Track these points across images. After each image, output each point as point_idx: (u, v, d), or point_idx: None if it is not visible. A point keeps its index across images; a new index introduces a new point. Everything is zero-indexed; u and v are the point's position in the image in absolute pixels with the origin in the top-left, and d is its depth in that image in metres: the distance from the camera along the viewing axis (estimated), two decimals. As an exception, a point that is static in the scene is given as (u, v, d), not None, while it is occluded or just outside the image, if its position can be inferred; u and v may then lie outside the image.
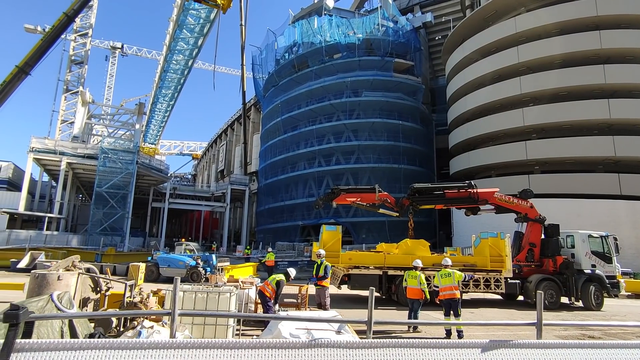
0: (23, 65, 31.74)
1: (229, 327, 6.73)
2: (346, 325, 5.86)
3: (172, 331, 2.96)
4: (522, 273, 13.29)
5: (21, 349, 1.82)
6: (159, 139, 72.40)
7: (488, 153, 31.10)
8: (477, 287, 12.18)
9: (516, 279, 12.76)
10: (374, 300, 3.45)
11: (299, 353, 2.22)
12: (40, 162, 31.71)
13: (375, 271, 12.37)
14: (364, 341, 2.36)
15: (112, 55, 58.95)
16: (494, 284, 12.22)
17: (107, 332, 6.27)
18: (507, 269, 12.37)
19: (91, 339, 1.92)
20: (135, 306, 7.24)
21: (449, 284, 8.23)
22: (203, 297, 6.85)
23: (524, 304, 13.19)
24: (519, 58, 29.20)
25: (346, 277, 12.30)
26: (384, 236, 29.77)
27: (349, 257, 12.76)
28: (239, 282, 9.10)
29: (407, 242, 13.32)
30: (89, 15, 41.40)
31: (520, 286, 12.76)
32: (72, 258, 7.83)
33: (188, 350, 2.05)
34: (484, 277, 12.25)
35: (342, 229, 13.67)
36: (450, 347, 2.45)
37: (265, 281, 8.16)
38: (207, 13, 36.06)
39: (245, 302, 8.47)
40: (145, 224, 44.72)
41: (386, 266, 12.38)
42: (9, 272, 17.40)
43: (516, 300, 13.96)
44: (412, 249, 12.98)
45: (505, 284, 12.29)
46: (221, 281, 8.90)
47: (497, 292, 12.39)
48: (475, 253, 13.60)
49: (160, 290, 8.44)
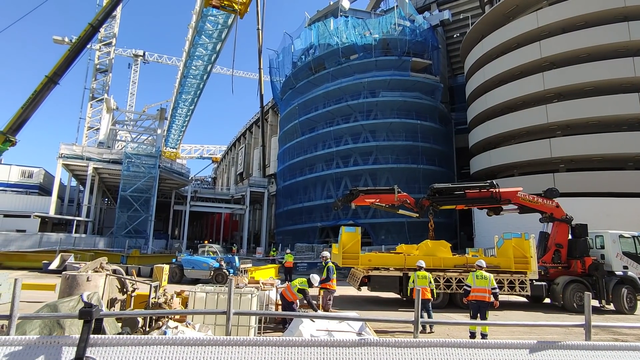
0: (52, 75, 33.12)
1: (250, 327, 6.82)
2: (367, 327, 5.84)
3: (227, 329, 3.21)
4: (548, 275, 12.89)
5: (94, 343, 1.99)
6: (179, 143, 74.01)
7: (510, 151, 30.33)
8: (501, 289, 11.86)
9: (542, 280, 12.39)
10: (419, 301, 3.55)
11: (350, 352, 2.25)
12: (69, 167, 33.00)
13: (396, 273, 12.26)
14: (413, 340, 2.37)
15: (134, 63, 60.73)
16: (518, 286, 11.90)
17: (134, 332, 6.46)
18: (532, 271, 12.03)
19: (160, 336, 2.07)
20: (160, 307, 7.44)
21: (483, 286, 8.02)
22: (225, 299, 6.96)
23: (551, 306, 12.77)
24: (542, 53, 28.36)
25: (366, 279, 12.24)
26: (403, 237, 29.44)
27: (368, 258, 12.71)
28: (259, 284, 9.20)
29: (428, 243, 13.15)
30: (112, 25, 42.85)
31: (547, 288, 12.38)
32: (100, 260, 8.12)
33: (271, 347, 2.19)
34: (508, 279, 11.95)
35: (361, 230, 13.62)
36: (498, 347, 2.44)
37: (287, 285, 8.20)
38: (224, 19, 36.69)
39: (266, 303, 8.56)
40: (168, 226, 45.80)
41: (406, 268, 12.25)
42: (42, 273, 18.19)
43: (542, 303, 13.54)
44: (433, 250, 12.81)
45: (530, 286, 11.95)
46: (242, 283, 9.02)
47: (522, 294, 12.06)
48: (499, 254, 13.29)
49: (184, 291, 8.64)
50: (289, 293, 7.80)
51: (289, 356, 2.19)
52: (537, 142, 28.35)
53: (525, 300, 13.83)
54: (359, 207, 20.98)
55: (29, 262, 21.33)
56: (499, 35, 31.58)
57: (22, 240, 25.36)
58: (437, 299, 11.98)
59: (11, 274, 12.91)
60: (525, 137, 29.92)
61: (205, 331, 6.05)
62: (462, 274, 12.01)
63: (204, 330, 6.04)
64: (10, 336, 2.23)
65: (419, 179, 33.19)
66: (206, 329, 6.09)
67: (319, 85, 39.61)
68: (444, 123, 39.10)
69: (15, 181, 33.43)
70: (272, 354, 2.18)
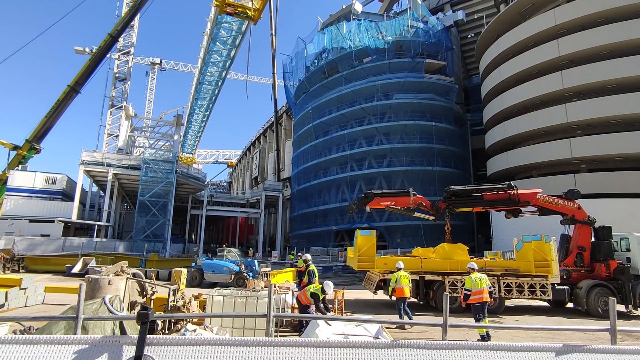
0: (74, 84, 34.32)
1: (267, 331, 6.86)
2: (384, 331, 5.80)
3: (267, 331, 3.56)
4: (570, 279, 12.52)
5: (150, 343, 2.14)
6: (196, 149, 75.26)
7: (528, 152, 29.68)
8: (521, 293, 11.61)
9: (564, 284, 12.05)
10: (447, 304, 3.62)
11: (381, 353, 2.29)
12: (90, 173, 33.94)
13: (412, 276, 12.13)
14: (443, 342, 2.39)
15: (151, 71, 62.21)
16: (539, 290, 11.60)
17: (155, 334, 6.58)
18: (553, 274, 11.71)
19: (211, 336, 2.23)
20: (178, 310, 7.56)
21: (483, 287, 8.13)
22: (242, 302, 7.04)
23: (574, 311, 12.40)
24: (560, 51, 27.72)
25: (382, 283, 12.15)
26: (419, 240, 29.12)
27: (384, 262, 12.61)
28: (275, 287, 9.25)
29: (445, 246, 12.97)
30: (130, 35, 44.06)
31: (569, 292, 12.03)
32: (121, 263, 8.32)
33: (313, 348, 2.30)
34: (528, 283, 11.67)
35: (376, 234, 13.54)
36: (524, 350, 2.42)
37: (303, 289, 8.22)
38: (238, 25, 37.28)
39: (283, 307, 8.60)
40: (185, 230, 46.51)
41: (423, 271, 12.12)
42: (65, 277, 18.75)
43: (565, 307, 13.15)
44: (449, 253, 12.62)
45: (552, 290, 11.64)
46: (259, 286, 9.10)
47: (544, 298, 11.75)
48: (518, 257, 12.99)
49: (201, 295, 8.77)
50: (304, 297, 7.83)
51: (330, 356, 2.26)
52: (556, 142, 27.67)
53: (546, 304, 13.46)
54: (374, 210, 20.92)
55: (52, 266, 22.02)
56: (515, 34, 31.04)
57: (47, 245, 26.18)
58: (454, 304, 11.81)
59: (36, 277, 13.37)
60: (544, 137, 29.24)
61: (223, 334, 6.12)
62: (481, 277, 11.78)
63: (221, 333, 6.12)
64: (77, 336, 2.46)
65: (435, 181, 32.83)
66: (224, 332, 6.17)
67: (332, 89, 39.72)
68: (459, 124, 38.62)
69: (39, 187, 34.55)
70: (313, 355, 2.25)
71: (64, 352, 2.05)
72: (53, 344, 2.07)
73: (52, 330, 4.67)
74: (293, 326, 8.47)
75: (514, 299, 12.01)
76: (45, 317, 4.42)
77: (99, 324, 4.79)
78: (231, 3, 30.02)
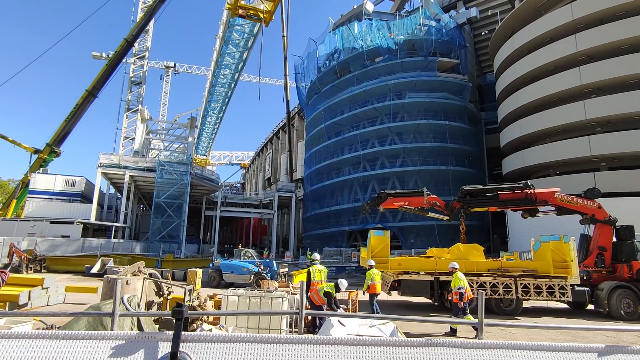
0: (92, 89, 35.27)
1: (281, 331, 6.90)
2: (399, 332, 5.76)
3: (300, 328, 3.71)
4: (591, 280, 12.20)
5: (185, 339, 2.17)
6: (209, 150, 76.18)
7: (545, 151, 29.04)
8: (539, 295, 11.36)
9: (584, 286, 11.74)
10: (483, 302, 3.57)
11: (417, 352, 2.28)
12: (107, 176, 34.73)
13: (427, 277, 12.01)
14: (478, 342, 2.36)
15: (165, 74, 63.25)
16: (558, 292, 11.33)
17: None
18: (573, 275, 11.42)
19: (244, 334, 2.29)
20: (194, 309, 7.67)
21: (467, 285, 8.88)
22: (257, 302, 7.09)
23: (595, 313, 12.06)
24: (578, 47, 27.05)
25: (396, 283, 12.06)
26: (433, 241, 28.81)
27: (398, 262, 12.52)
28: (290, 288, 9.29)
29: (460, 247, 12.80)
30: (145, 39, 44.88)
31: (590, 294, 11.71)
32: (138, 264, 8.48)
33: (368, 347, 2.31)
34: (547, 284, 11.41)
35: (389, 234, 13.46)
36: (564, 350, 2.35)
37: (315, 289, 8.22)
38: (250, 27, 37.63)
39: (297, 307, 8.61)
40: (199, 231, 47.10)
41: (438, 272, 11.98)
42: (84, 277, 19.21)
43: (585, 309, 12.81)
44: (465, 254, 12.45)
45: (571, 291, 11.35)
46: (273, 286, 9.14)
47: (563, 300, 11.47)
48: (536, 258, 12.72)
49: (216, 295, 8.87)
50: (317, 297, 7.82)
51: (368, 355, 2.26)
52: (575, 140, 27.00)
53: (565, 306, 13.14)
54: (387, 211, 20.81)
55: (72, 266, 22.60)
56: (531, 30, 30.43)
57: (67, 246, 26.88)
58: (472, 304, 11.63)
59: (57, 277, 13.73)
60: (561, 135, 28.57)
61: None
62: (497, 278, 11.59)
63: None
64: (114, 331, 2.53)
65: (449, 181, 32.44)
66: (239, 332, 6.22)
67: (344, 89, 39.66)
68: (473, 123, 38.07)
69: (59, 190, 35.48)
70: (350, 352, 2.28)
71: (101, 347, 2.11)
72: (90, 339, 2.14)
73: (74, 328, 4.80)
74: (307, 326, 8.48)
75: (531, 300, 11.75)
76: (83, 313, 4.64)
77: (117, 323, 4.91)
78: (243, 5, 30.28)
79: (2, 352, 2.06)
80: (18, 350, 2.07)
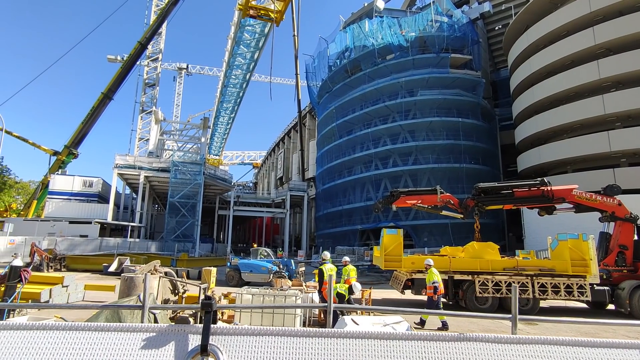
0: (107, 91, 35.98)
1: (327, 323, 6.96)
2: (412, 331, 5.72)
3: (328, 322, 3.96)
4: (611, 279, 11.87)
5: (214, 332, 2.22)
6: (222, 150, 76.90)
7: (562, 147, 28.39)
8: (557, 294, 11.12)
9: (604, 285, 11.44)
10: (516, 297, 3.50)
11: (449, 346, 2.26)
12: (123, 176, 35.41)
13: (441, 275, 11.88)
14: (513, 337, 2.32)
15: (178, 76, 64.06)
16: (577, 291, 11.07)
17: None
18: (592, 274, 11.13)
19: (275, 327, 2.34)
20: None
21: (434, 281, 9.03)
22: (270, 300, 7.14)
23: (616, 313, 11.74)
24: (596, 39, 26.35)
25: (409, 282, 11.98)
26: (447, 239, 28.49)
27: (411, 261, 12.42)
28: (303, 286, 9.32)
29: (474, 245, 12.62)
30: (158, 42, 45.58)
31: (610, 294, 11.41)
32: (154, 263, 8.64)
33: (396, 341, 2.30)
34: (565, 283, 11.16)
35: (402, 233, 13.35)
36: (605, 346, 2.27)
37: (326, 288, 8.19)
38: (261, 27, 37.83)
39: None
40: (213, 230, 47.66)
41: (452, 270, 11.85)
42: (102, 275, 19.65)
43: (605, 309, 12.49)
44: (479, 252, 12.27)
45: (591, 291, 11.08)
46: (286, 285, 9.19)
47: (581, 299, 11.20)
48: (553, 256, 12.45)
49: (230, 293, 8.96)
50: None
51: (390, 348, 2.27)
52: (593, 136, 26.33)
53: (585, 306, 12.83)
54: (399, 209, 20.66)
55: (91, 265, 23.11)
56: (547, 24, 29.77)
57: (85, 245, 27.51)
58: (486, 304, 11.48)
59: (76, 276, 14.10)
60: (578, 130, 27.90)
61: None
62: (513, 277, 11.40)
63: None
64: (145, 324, 2.63)
65: (462, 178, 32.04)
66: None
67: (355, 88, 39.52)
68: (487, 120, 37.47)
69: (77, 190, 36.33)
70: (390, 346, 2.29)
71: (133, 339, 2.17)
72: (122, 332, 2.20)
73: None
74: (320, 325, 8.50)
75: (549, 299, 11.51)
76: (115, 305, 4.89)
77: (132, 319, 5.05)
78: (254, 6, 30.47)
79: (40, 343, 2.14)
80: (54, 341, 2.15)
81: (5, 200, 44.38)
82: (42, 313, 8.56)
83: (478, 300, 11.46)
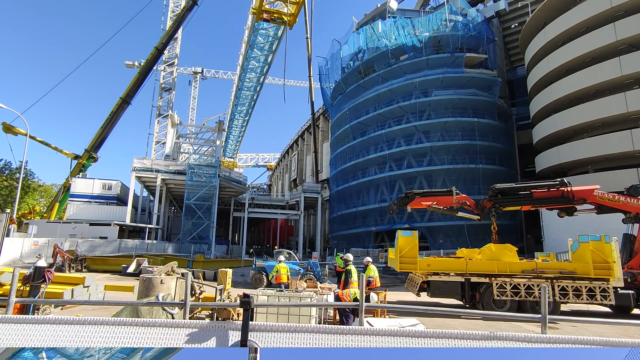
0: (125, 96, 36.89)
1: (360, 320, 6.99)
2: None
3: (360, 320, 4.18)
4: (636, 282, 11.49)
5: (252, 329, 2.35)
6: (236, 153, 77.75)
7: (583, 146, 27.64)
8: (579, 298, 10.82)
9: (629, 288, 11.07)
10: (546, 298, 3.54)
11: (481, 345, 2.29)
12: (141, 179, 36.19)
13: (457, 278, 11.73)
14: (544, 336, 2.33)
15: (194, 80, 65.17)
16: (599, 295, 10.74)
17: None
18: (616, 278, 10.79)
19: (308, 324, 2.45)
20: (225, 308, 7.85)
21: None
22: (286, 302, 7.16)
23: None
24: (617, 35, 25.60)
25: (425, 284, 11.86)
26: (463, 241, 28.07)
27: (427, 263, 12.29)
28: (318, 288, 9.33)
29: (491, 247, 12.39)
30: (174, 47, 46.51)
31: (635, 297, 11.03)
32: (171, 264, 8.79)
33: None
34: (587, 287, 10.85)
35: (417, 234, 13.22)
36: (635, 346, 2.28)
37: (346, 291, 8.12)
38: (275, 31, 38.17)
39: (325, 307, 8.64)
40: (228, 232, 48.15)
41: (469, 273, 11.67)
42: (121, 276, 20.08)
43: (629, 313, 12.07)
44: (497, 255, 12.05)
45: (614, 294, 10.73)
46: (301, 287, 9.22)
47: (605, 303, 10.87)
48: (574, 259, 12.11)
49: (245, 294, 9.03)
50: (347, 298, 7.79)
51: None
52: (616, 134, 25.54)
53: (608, 310, 12.43)
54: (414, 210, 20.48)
55: (110, 266, 23.66)
56: (565, 20, 29.07)
57: (105, 246, 28.21)
58: (504, 307, 11.27)
59: (97, 276, 14.46)
60: (600, 129, 27.12)
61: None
62: (532, 280, 11.15)
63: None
64: (187, 320, 2.79)
65: (478, 179, 31.53)
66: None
67: (368, 89, 39.39)
68: (503, 119, 36.80)
69: (97, 193, 37.31)
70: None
71: (177, 334, 2.31)
72: (167, 327, 2.34)
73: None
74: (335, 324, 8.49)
75: (570, 303, 11.21)
76: (152, 303, 5.17)
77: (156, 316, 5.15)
78: (267, 10, 30.76)
79: (90, 337, 2.30)
80: (104, 335, 2.30)
81: (29, 202, 45.92)
82: (64, 312, 8.82)
83: (496, 303, 11.26)
